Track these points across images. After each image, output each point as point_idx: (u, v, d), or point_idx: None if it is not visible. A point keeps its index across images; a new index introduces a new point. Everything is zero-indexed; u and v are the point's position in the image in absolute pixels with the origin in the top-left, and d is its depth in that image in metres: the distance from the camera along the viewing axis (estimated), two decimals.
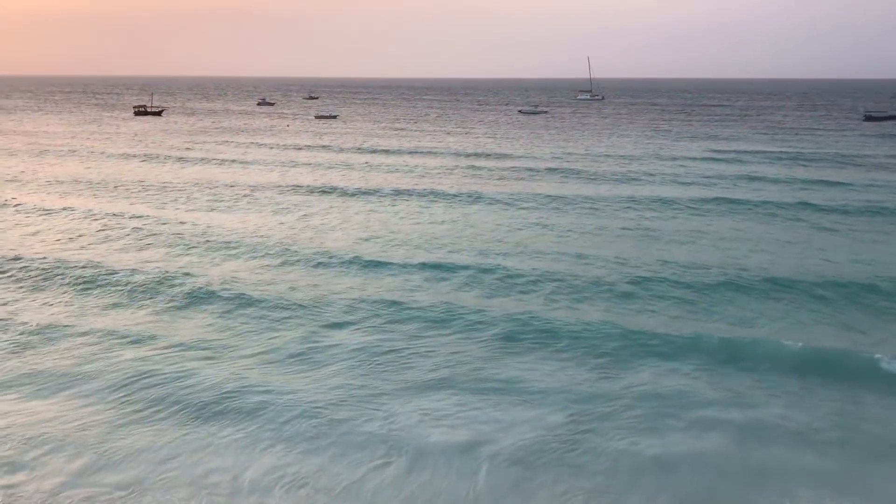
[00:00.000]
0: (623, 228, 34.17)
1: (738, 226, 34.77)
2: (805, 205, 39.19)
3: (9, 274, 26.15)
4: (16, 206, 39.44)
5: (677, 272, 25.87)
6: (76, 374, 17.69)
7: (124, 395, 16.65)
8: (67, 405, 16.14)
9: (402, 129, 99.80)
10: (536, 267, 26.81)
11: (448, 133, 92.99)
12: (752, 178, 49.60)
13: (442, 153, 67.37)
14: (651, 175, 51.63)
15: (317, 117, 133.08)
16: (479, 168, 56.41)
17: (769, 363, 17.94)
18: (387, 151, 69.24)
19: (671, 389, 16.78)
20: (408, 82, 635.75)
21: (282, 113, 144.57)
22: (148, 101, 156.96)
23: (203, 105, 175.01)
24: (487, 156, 64.66)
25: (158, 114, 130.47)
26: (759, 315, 21.75)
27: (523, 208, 39.48)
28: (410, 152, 68.40)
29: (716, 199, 41.15)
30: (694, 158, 62.00)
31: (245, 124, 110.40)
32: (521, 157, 63.77)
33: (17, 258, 28.07)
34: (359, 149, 71.74)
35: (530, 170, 54.96)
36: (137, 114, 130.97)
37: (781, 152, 65.68)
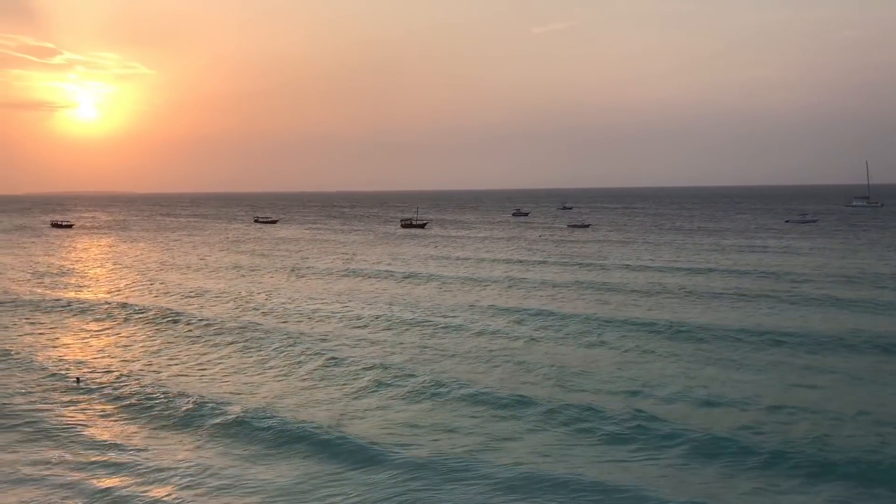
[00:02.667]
0: None
1: None
2: None
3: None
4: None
5: None
6: None
7: None
8: None
9: (651, 241, 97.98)
10: (760, 431, 22.84)
11: (693, 247, 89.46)
12: None
13: (685, 269, 63.95)
14: None
15: (569, 226, 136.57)
16: (732, 288, 51.91)
17: None
18: (628, 266, 66.83)
19: None
20: (663, 191, 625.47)
21: (534, 223, 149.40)
22: (414, 214, 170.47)
23: (463, 217, 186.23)
24: (741, 273, 60.33)
25: (422, 226, 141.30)
26: None
27: (759, 341, 34.88)
28: (656, 267, 65.67)
29: None
30: None
31: (499, 235, 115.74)
32: (772, 273, 59.23)
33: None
34: (608, 265, 71.15)
35: (792, 295, 49.59)
36: (404, 226, 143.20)
37: None
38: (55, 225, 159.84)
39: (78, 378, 30.76)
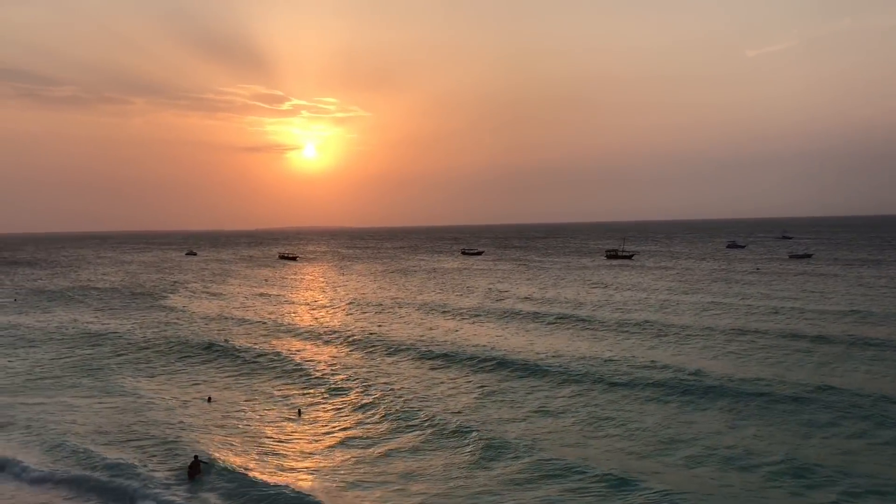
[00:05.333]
0: None
1: None
2: None
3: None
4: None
5: None
6: None
7: None
8: None
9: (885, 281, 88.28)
10: None
11: None
12: None
13: None
14: None
15: (791, 257, 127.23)
16: None
17: None
18: (857, 311, 58.44)
19: None
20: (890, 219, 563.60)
21: (748, 257, 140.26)
22: (619, 245, 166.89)
23: (671, 249, 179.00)
24: None
25: (629, 257, 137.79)
26: None
27: None
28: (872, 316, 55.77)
29: None
30: None
31: (712, 267, 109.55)
32: None
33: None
34: (831, 310, 63.81)
35: None
36: (609, 257, 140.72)
37: None
38: (283, 257, 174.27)
39: (300, 410, 32.63)
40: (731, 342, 45.32)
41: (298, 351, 47.22)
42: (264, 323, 60.01)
